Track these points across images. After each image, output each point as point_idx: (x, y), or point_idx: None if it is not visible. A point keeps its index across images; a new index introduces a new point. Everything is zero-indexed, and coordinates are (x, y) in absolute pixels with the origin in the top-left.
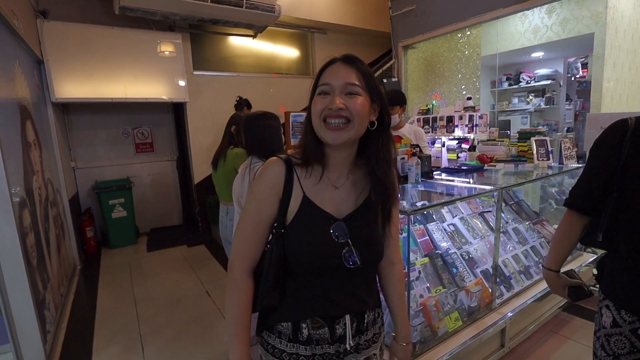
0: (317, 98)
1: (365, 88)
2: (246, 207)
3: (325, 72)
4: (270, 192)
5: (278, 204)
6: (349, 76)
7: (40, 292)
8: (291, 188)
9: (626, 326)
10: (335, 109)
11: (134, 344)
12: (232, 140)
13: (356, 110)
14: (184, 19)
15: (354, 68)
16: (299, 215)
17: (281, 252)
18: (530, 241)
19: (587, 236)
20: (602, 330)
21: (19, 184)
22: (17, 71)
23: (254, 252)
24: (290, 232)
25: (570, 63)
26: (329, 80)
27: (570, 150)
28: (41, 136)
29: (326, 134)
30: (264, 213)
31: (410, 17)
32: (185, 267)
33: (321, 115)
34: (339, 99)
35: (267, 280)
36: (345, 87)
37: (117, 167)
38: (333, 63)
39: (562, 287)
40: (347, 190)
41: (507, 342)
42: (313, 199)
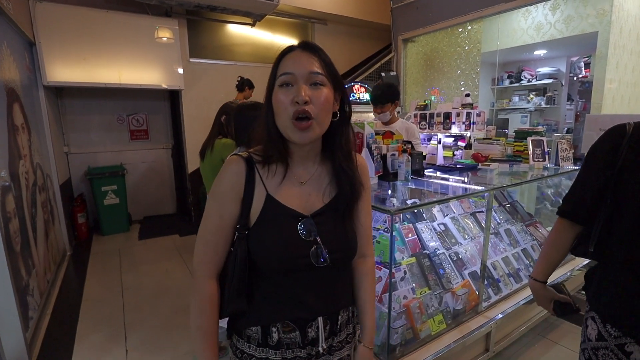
0: (278, 91)
1: (329, 77)
2: (207, 209)
3: (285, 61)
4: (230, 192)
5: (240, 204)
6: (311, 64)
7: (24, 278)
8: (253, 187)
9: (612, 340)
10: (301, 100)
11: (117, 332)
12: (222, 130)
13: (320, 105)
14: (180, 4)
15: (316, 56)
16: (263, 214)
17: (245, 254)
18: (522, 243)
19: (577, 246)
20: (588, 343)
21: (3, 167)
22: (5, 52)
23: (218, 256)
24: (254, 233)
25: (573, 62)
26: (291, 69)
27: (567, 152)
28: (31, 120)
29: (294, 133)
30: (225, 215)
31: (411, 10)
32: (175, 256)
33: (288, 110)
34: (305, 88)
35: (232, 284)
36: (310, 76)
37: (111, 154)
38: (292, 50)
39: (548, 300)
40: (314, 186)
41: (491, 346)
42: (277, 197)
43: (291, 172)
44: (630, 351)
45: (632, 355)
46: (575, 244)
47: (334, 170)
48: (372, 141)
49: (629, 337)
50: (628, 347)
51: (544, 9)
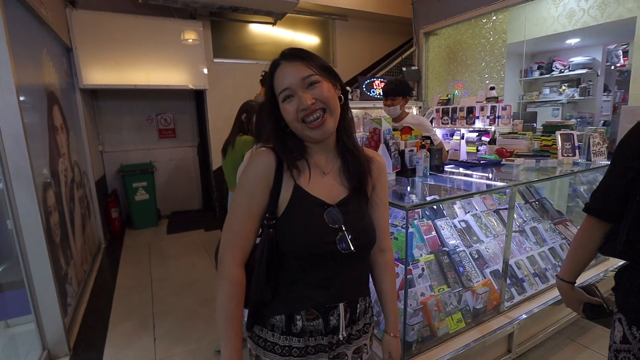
0: (285, 105)
1: (320, 72)
2: (236, 199)
3: (277, 78)
4: (260, 183)
5: (269, 194)
6: (300, 71)
7: (63, 267)
8: (281, 177)
9: (636, 343)
10: (307, 106)
11: (146, 321)
12: (242, 128)
13: (326, 97)
14: (204, 7)
15: (300, 60)
16: (291, 204)
17: (273, 242)
18: (549, 242)
19: (606, 244)
20: (613, 346)
21: (44, 165)
22: (45, 58)
23: (246, 245)
24: (282, 222)
25: (610, 50)
26: (286, 83)
27: (599, 146)
28: (69, 121)
29: (312, 132)
30: (254, 205)
31: (433, 2)
32: (201, 250)
33: (297, 118)
34: (306, 95)
35: (260, 273)
36: (304, 81)
37: (141, 152)
38: (278, 66)
39: (577, 301)
40: (336, 175)
41: (514, 347)
42: (304, 187)
43: (314, 164)
44: None
45: None
46: (604, 242)
47: (342, 153)
48: (390, 137)
49: None
50: None
51: None
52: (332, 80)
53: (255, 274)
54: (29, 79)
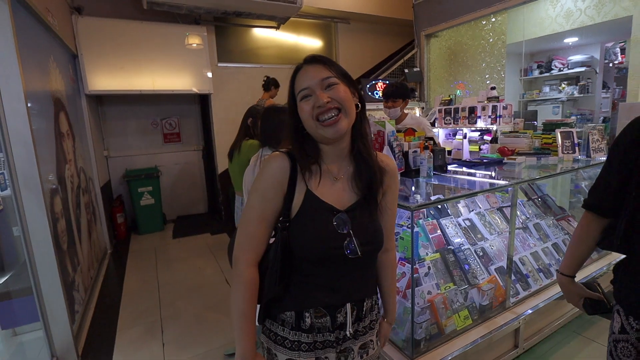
0: (301, 104)
1: (340, 76)
2: (250, 201)
3: (297, 79)
4: (275, 187)
5: (282, 198)
6: (320, 72)
7: (70, 274)
8: (295, 182)
9: (633, 333)
10: (323, 104)
11: (154, 326)
12: (248, 132)
13: (342, 98)
14: (208, 12)
15: (321, 64)
16: (303, 208)
17: (286, 244)
18: (552, 238)
19: (604, 239)
20: (612, 336)
21: (51, 171)
22: (52, 65)
23: (259, 246)
24: (294, 225)
25: (607, 48)
26: (305, 83)
27: (599, 143)
28: (75, 127)
29: (325, 131)
30: (268, 208)
31: (433, 5)
32: (207, 254)
33: (312, 115)
34: (322, 94)
35: (273, 272)
36: (322, 82)
37: (146, 157)
38: (300, 69)
39: (577, 296)
40: (347, 182)
41: (521, 342)
42: (316, 192)
43: (327, 169)
44: None
45: None
46: (602, 237)
47: (356, 160)
48: (394, 139)
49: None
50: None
51: None
52: (350, 87)
53: (269, 273)
54: (36, 86)
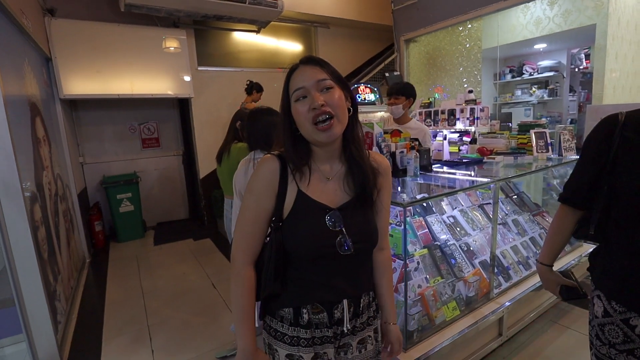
0: (296, 106)
1: (335, 80)
2: (245, 202)
3: (293, 79)
4: (267, 188)
5: (275, 199)
6: (317, 74)
7: (52, 284)
8: (286, 183)
9: (617, 315)
10: (318, 106)
11: (142, 334)
12: (237, 135)
13: (336, 104)
14: (188, 15)
15: (318, 65)
16: (295, 208)
17: (280, 244)
18: (529, 232)
19: (579, 230)
20: (595, 320)
21: (29, 179)
22: (27, 69)
23: (255, 245)
24: (287, 225)
25: (573, 54)
26: (301, 83)
27: (569, 142)
28: (50, 132)
29: (319, 135)
30: (262, 208)
31: (412, 11)
32: (191, 260)
33: (308, 117)
34: (318, 95)
35: (269, 270)
36: (318, 84)
37: (124, 162)
38: (296, 68)
39: (555, 284)
40: (339, 181)
41: (504, 331)
42: (307, 192)
43: (318, 169)
44: (635, 324)
45: (636, 329)
46: (577, 227)
47: (349, 162)
48: (382, 140)
49: (633, 311)
50: (633, 320)
51: (542, 4)
52: (344, 90)
53: (264, 272)
54: (13, 90)
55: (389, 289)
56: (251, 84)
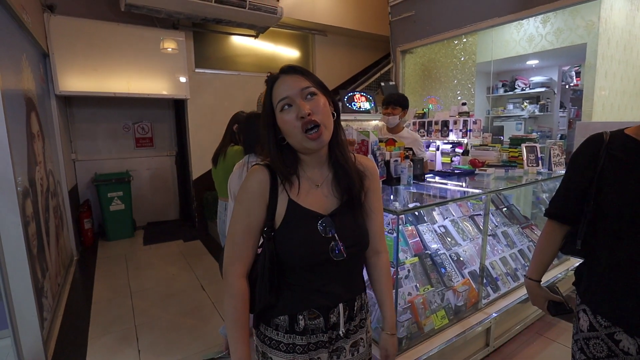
0: (282, 116)
1: (317, 87)
2: (235, 213)
3: (276, 89)
4: (257, 199)
5: (265, 209)
6: (299, 82)
7: (40, 280)
8: (277, 193)
9: (602, 330)
10: (305, 114)
11: (128, 334)
12: (233, 138)
13: (321, 110)
14: (188, 18)
15: (299, 74)
16: (287, 217)
17: (273, 253)
18: (518, 244)
19: (566, 245)
20: (580, 334)
21: (22, 174)
22: (24, 64)
23: (247, 256)
24: (280, 234)
25: (564, 71)
26: (285, 93)
27: (559, 157)
28: (44, 128)
29: (309, 143)
30: (252, 219)
31: (409, 23)
32: (180, 261)
33: (297, 125)
34: (304, 104)
35: (264, 281)
36: (302, 93)
37: (116, 161)
38: (277, 78)
39: (543, 299)
40: (329, 187)
41: (491, 341)
42: (298, 201)
43: (307, 177)
44: (619, 339)
45: (620, 343)
46: (564, 243)
47: (335, 166)
48: (377, 148)
49: (618, 326)
50: (617, 335)
51: (535, 21)
52: (327, 96)
53: (259, 283)
54: (10, 84)
55: (388, 296)
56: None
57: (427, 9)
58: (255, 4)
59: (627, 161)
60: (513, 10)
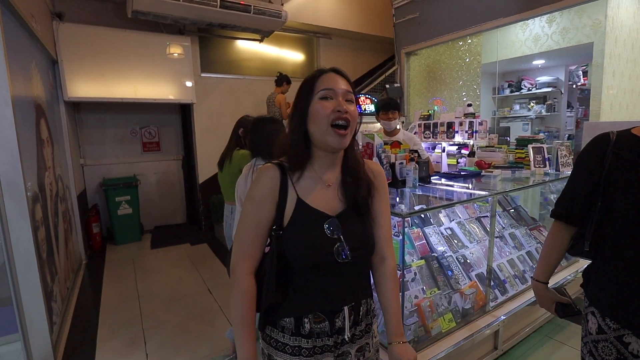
0: (320, 102)
1: (354, 96)
2: (244, 211)
3: (322, 79)
4: (267, 195)
5: (275, 207)
6: (345, 84)
7: (49, 284)
8: (286, 192)
9: (611, 333)
10: (343, 110)
11: (136, 337)
12: (239, 142)
13: (354, 117)
14: (193, 23)
15: (345, 79)
16: (295, 216)
17: (281, 252)
18: (526, 246)
19: (573, 246)
20: (589, 337)
21: (32, 179)
22: (34, 71)
23: (255, 254)
24: (287, 233)
25: (571, 71)
26: (331, 85)
27: (566, 158)
28: (54, 134)
29: (333, 138)
30: (262, 216)
31: (413, 25)
32: (187, 264)
33: (329, 117)
34: (344, 102)
35: (270, 280)
36: (345, 94)
37: (124, 165)
38: (326, 72)
39: (550, 301)
40: (339, 189)
41: (500, 344)
42: (306, 200)
43: (318, 177)
44: (628, 342)
45: (630, 346)
46: (571, 244)
47: (347, 169)
48: (382, 150)
49: (627, 329)
50: (626, 338)
51: (541, 21)
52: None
53: (266, 281)
54: (20, 91)
55: (394, 304)
56: (281, 75)
57: (432, 11)
58: (259, 8)
59: (634, 161)
60: (518, 11)
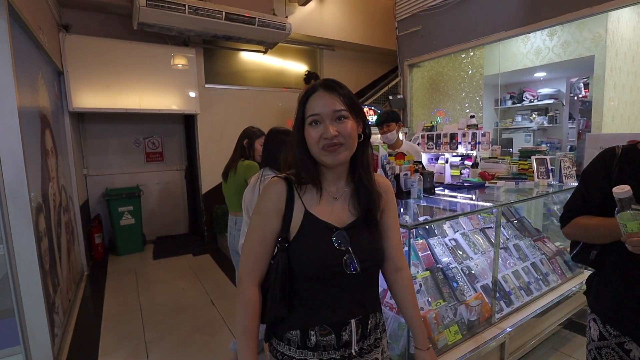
0: (309, 129)
1: (350, 109)
2: (252, 223)
3: (310, 102)
4: (273, 209)
5: (281, 219)
6: (334, 103)
7: (51, 295)
8: (292, 204)
9: (612, 339)
10: (330, 137)
11: (139, 349)
12: (244, 153)
13: (347, 134)
14: (198, 35)
15: (336, 94)
16: (302, 228)
17: (286, 264)
18: (530, 257)
19: (579, 254)
20: (592, 344)
21: (36, 189)
22: (40, 82)
23: (261, 266)
24: (294, 245)
25: (572, 83)
26: (318, 110)
27: (569, 169)
28: (58, 144)
29: (326, 157)
30: (268, 229)
31: (416, 38)
32: (190, 275)
33: (319, 144)
34: (331, 127)
35: (275, 292)
36: (334, 114)
37: (127, 175)
38: (315, 91)
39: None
40: (346, 201)
41: (506, 356)
42: (314, 212)
43: (325, 190)
44: (630, 349)
45: (631, 353)
46: (577, 251)
47: (356, 184)
48: (386, 162)
49: (627, 336)
50: (627, 345)
51: (542, 34)
52: (357, 118)
53: (271, 293)
54: (27, 102)
55: (413, 310)
56: (309, 73)
57: (434, 24)
58: (264, 20)
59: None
60: (520, 25)
